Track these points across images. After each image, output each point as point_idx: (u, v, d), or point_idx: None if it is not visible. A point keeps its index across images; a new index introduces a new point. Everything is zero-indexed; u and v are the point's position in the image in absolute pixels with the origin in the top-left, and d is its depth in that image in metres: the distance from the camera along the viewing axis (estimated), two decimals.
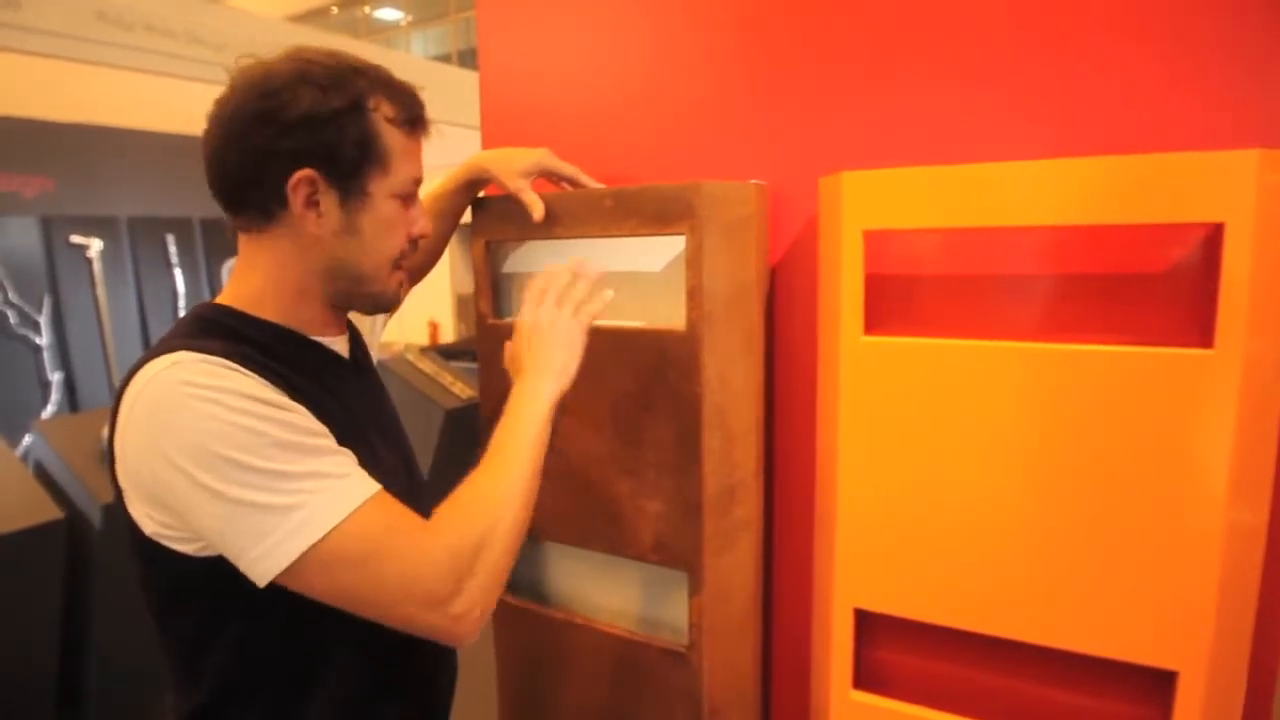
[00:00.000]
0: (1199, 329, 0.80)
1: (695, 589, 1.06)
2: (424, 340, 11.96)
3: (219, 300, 0.83)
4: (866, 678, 1.01)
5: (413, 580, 0.72)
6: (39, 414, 4.81)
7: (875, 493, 0.93)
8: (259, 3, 7.53)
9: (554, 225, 1.08)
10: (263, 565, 0.68)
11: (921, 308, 0.95)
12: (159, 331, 5.34)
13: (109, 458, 0.76)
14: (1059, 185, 0.80)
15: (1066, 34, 0.90)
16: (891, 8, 0.98)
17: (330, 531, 0.69)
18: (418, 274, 1.22)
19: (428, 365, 4.02)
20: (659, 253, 1.07)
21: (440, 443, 3.80)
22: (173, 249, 5.42)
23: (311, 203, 0.78)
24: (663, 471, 1.05)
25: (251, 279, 0.82)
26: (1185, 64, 0.85)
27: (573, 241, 1.10)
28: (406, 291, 1.14)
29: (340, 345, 0.90)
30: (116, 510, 0.77)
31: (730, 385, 1.03)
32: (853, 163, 0.93)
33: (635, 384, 1.05)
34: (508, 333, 1.15)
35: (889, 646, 1.01)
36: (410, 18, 14.55)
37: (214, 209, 0.81)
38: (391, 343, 8.37)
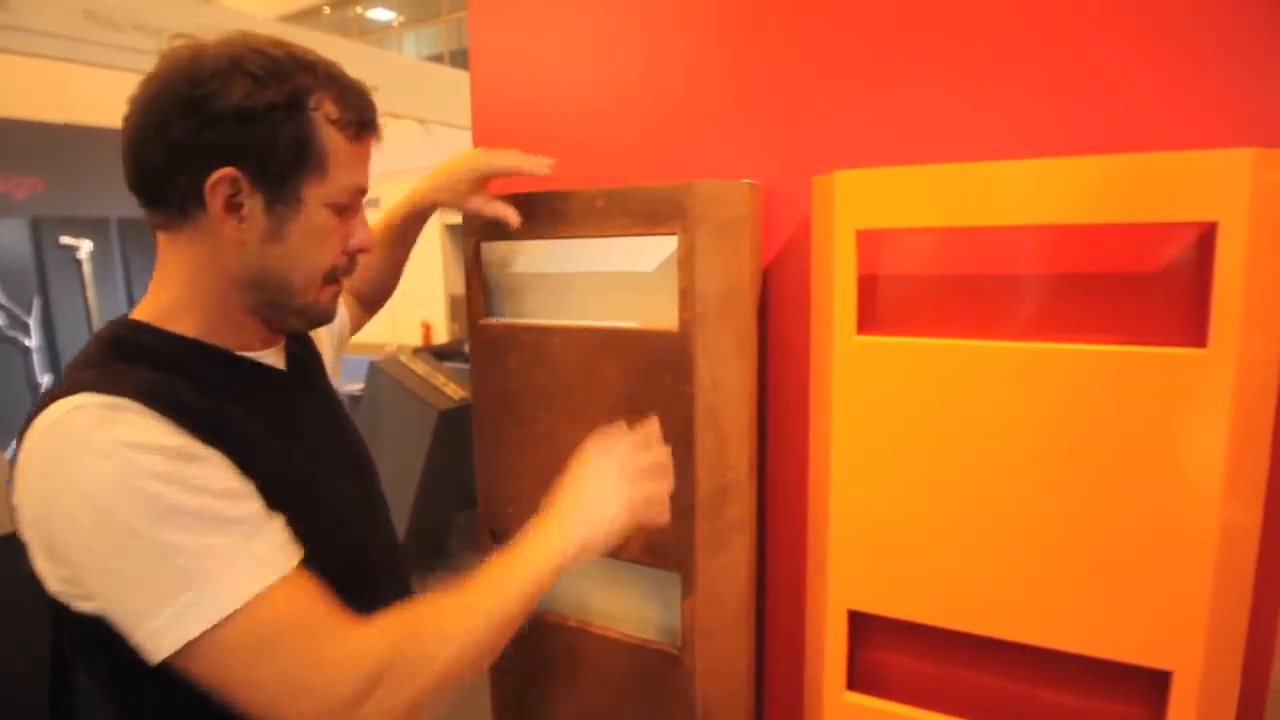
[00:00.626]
0: (1192, 328, 0.79)
1: (688, 591, 1.05)
2: (417, 340, 11.94)
3: (135, 314, 0.76)
4: (860, 679, 1.00)
5: (304, 690, 0.64)
6: (30, 416, 4.79)
7: (868, 493, 0.93)
8: (251, 3, 7.50)
9: (545, 225, 1.08)
10: (152, 643, 0.62)
11: (914, 307, 0.95)
12: None
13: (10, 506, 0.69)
14: (1052, 184, 0.80)
15: (1060, 32, 0.90)
16: (884, 7, 0.98)
17: (227, 617, 0.62)
18: (373, 303, 1.18)
19: (420, 366, 4.00)
20: (652, 253, 1.06)
21: (433, 444, 3.79)
22: None
23: (233, 205, 0.71)
24: None
25: (169, 287, 0.75)
26: (1180, 62, 0.85)
27: (564, 241, 1.10)
28: (364, 321, 1.10)
29: (273, 358, 0.84)
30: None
31: (723, 386, 1.03)
32: (845, 162, 0.92)
33: (628, 384, 1.05)
34: (499, 332, 1.15)
35: (882, 647, 1.01)
36: (403, 18, 14.52)
37: None
38: (384, 344, 8.34)
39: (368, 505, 0.90)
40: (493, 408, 1.18)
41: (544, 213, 1.07)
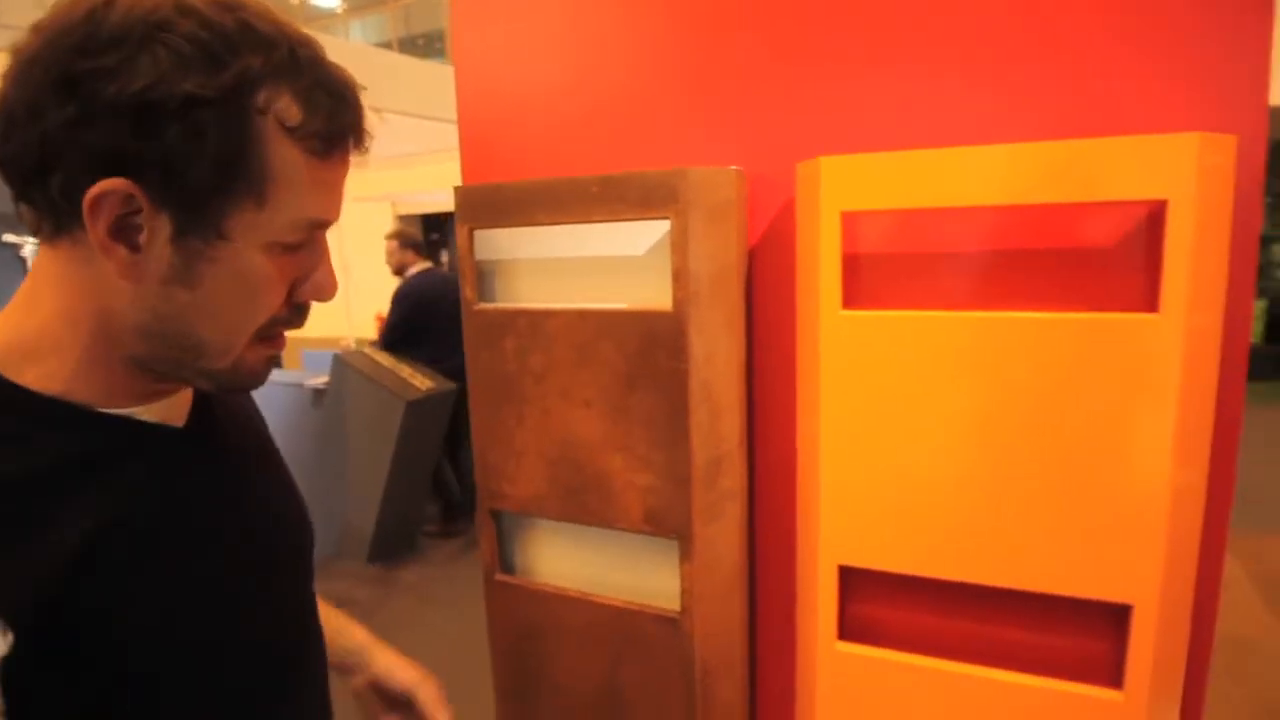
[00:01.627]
0: (1146, 296, 0.88)
1: (686, 556, 1.11)
2: (371, 334, 11.79)
3: None
4: (850, 630, 1.08)
5: None
6: None
7: (855, 456, 1.00)
8: None
9: (539, 212, 1.12)
10: None
11: (894, 283, 1.02)
12: None
13: None
14: (1021, 167, 0.87)
15: (1029, 25, 0.97)
16: (857, 4, 1.04)
17: None
18: None
19: (385, 358, 3.99)
20: (642, 237, 1.11)
21: (400, 435, 3.79)
22: None
23: (123, 229, 0.51)
24: (652, 446, 1.10)
25: (35, 314, 0.55)
26: (1138, 55, 0.93)
27: (559, 228, 1.14)
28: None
29: (164, 412, 0.63)
30: None
31: (715, 362, 1.09)
32: (821, 149, 0.99)
33: (624, 363, 1.10)
34: (494, 317, 1.19)
35: (869, 600, 1.08)
36: (346, 5, 14.22)
37: None
38: (340, 337, 8.24)
39: (280, 581, 0.72)
40: (489, 390, 1.22)
41: (540, 199, 1.12)
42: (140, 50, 0.48)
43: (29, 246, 4.84)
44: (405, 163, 8.08)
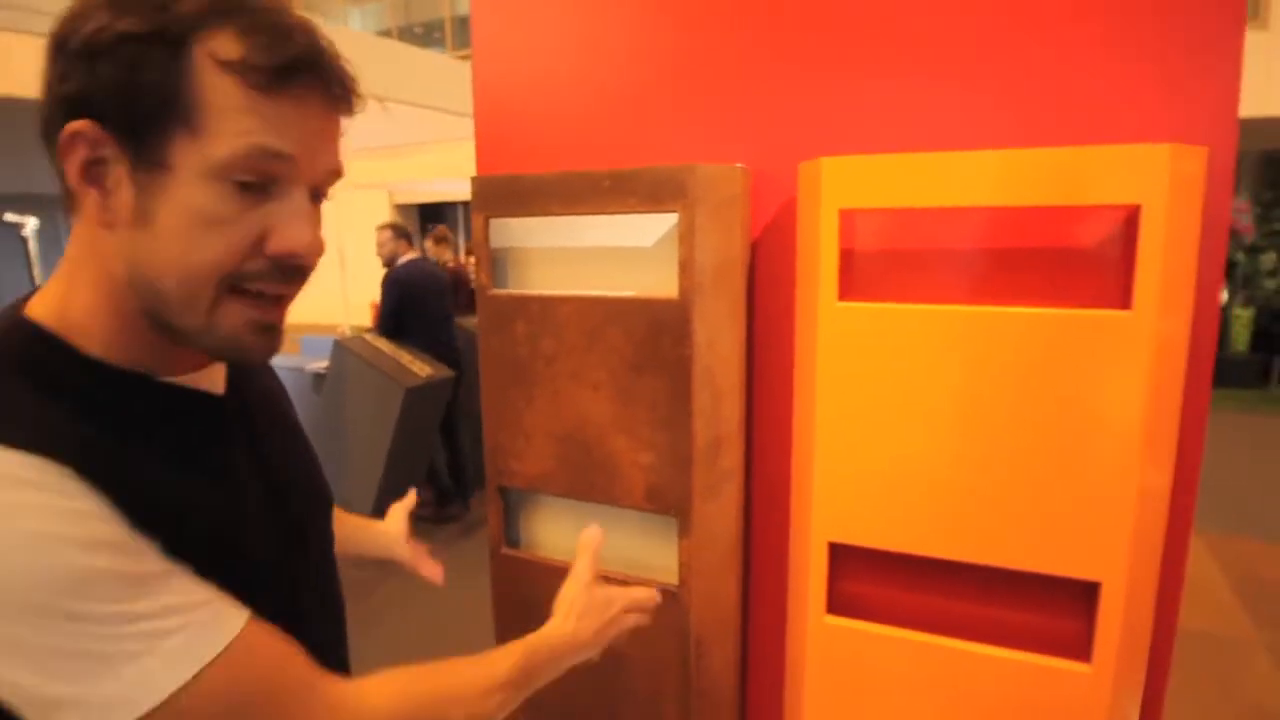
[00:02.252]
0: (1121, 294, 0.94)
1: (684, 532, 1.18)
2: (367, 322, 11.81)
3: (36, 311, 0.60)
4: (838, 604, 1.14)
5: None
6: None
7: (847, 439, 1.06)
8: None
9: (553, 202, 1.18)
10: None
11: (888, 278, 1.08)
12: None
13: None
14: (1007, 171, 0.94)
15: (1021, 37, 1.03)
16: (855, 14, 1.10)
17: (174, 693, 0.52)
18: None
19: (385, 345, 4.04)
20: (651, 229, 1.17)
21: (400, 421, 3.85)
22: None
23: (93, 171, 0.55)
24: (655, 427, 1.16)
25: (75, 281, 0.60)
26: (1118, 69, 1.00)
27: (571, 218, 1.20)
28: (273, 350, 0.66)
29: (209, 381, 0.68)
30: None
31: (717, 348, 1.15)
32: (820, 150, 1.05)
33: (631, 348, 1.16)
34: (507, 302, 1.25)
35: (857, 576, 1.15)
36: None
37: None
38: (336, 325, 8.27)
39: (303, 548, 0.77)
40: (500, 372, 1.28)
41: (554, 190, 1.17)
42: (99, 6, 0.54)
43: (30, 226, 4.87)
44: (402, 152, 8.10)
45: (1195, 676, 2.90)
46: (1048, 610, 1.06)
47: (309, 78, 0.58)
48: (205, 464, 0.65)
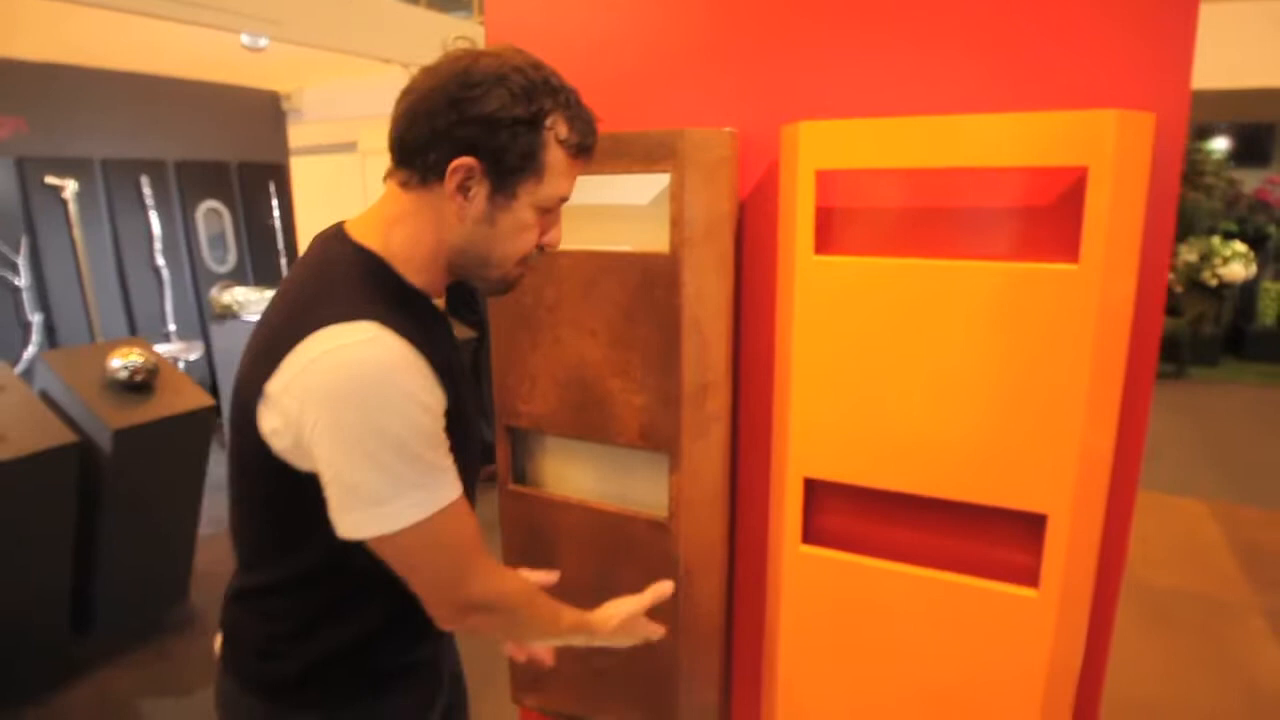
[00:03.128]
0: (1070, 248, 1.02)
1: (674, 468, 1.29)
2: None
3: (368, 242, 0.89)
4: (813, 535, 1.25)
5: (445, 588, 0.86)
6: (19, 355, 4.88)
7: (822, 381, 1.16)
8: None
9: None
10: (343, 528, 0.81)
11: (860, 233, 1.17)
12: (136, 274, 5.40)
13: (250, 375, 0.84)
14: (969, 135, 1.02)
15: (986, 8, 1.10)
16: None
17: (416, 524, 0.80)
18: None
19: None
20: (646, 188, 1.27)
21: None
22: (147, 190, 5.44)
23: (463, 188, 0.85)
24: (648, 371, 1.26)
25: (398, 232, 0.89)
26: (1083, 39, 1.07)
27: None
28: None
29: (440, 302, 0.99)
30: (127, 435, 0.82)
31: (705, 299, 1.25)
32: (805, 114, 1.13)
33: (625, 298, 1.26)
34: None
35: (831, 511, 1.25)
36: None
37: (187, 151, 0.89)
38: None
39: (477, 454, 1.05)
40: (508, 320, 1.39)
41: None
42: (493, 88, 0.82)
43: (70, 189, 5.03)
44: None
45: (1192, 637, 2.98)
46: (1002, 542, 1.16)
47: (593, 150, 0.93)
48: (452, 362, 0.93)
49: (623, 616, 1.06)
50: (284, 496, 0.86)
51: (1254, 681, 2.70)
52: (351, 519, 0.81)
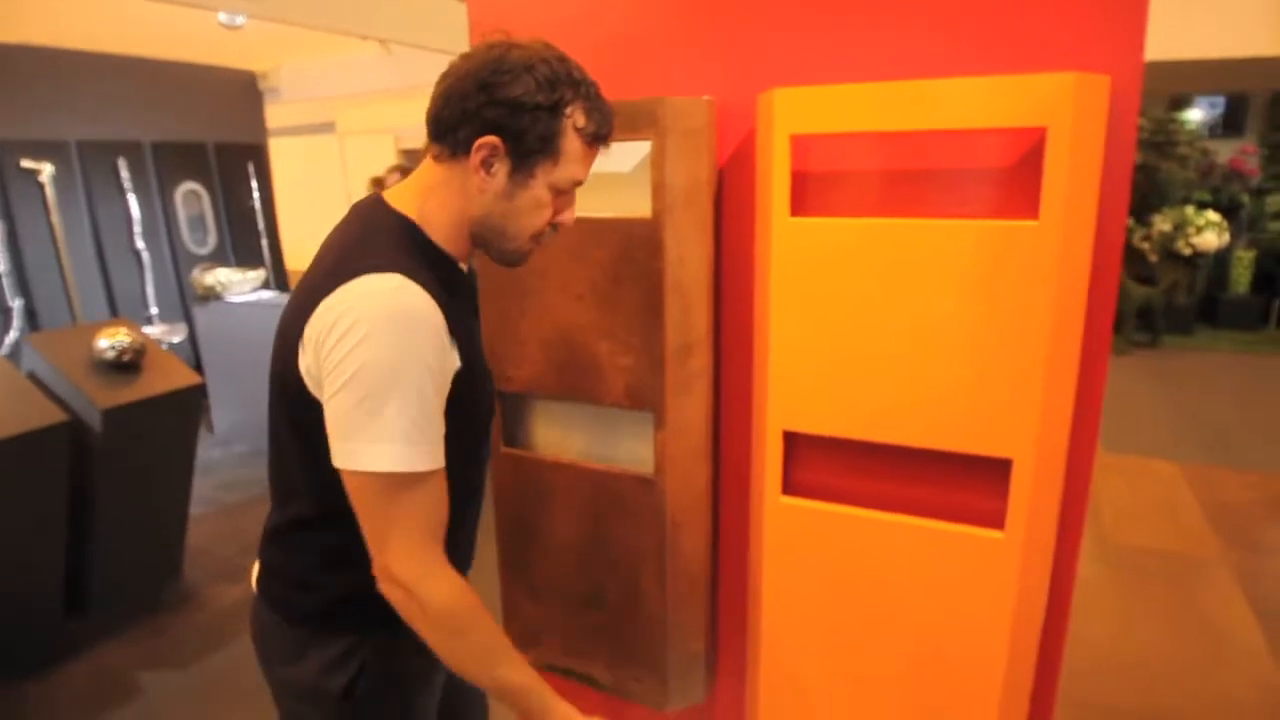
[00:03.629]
0: (1032, 206, 1.08)
1: (659, 426, 1.34)
2: None
3: (403, 208, 0.97)
4: (792, 486, 1.31)
5: (393, 550, 0.89)
6: (1, 340, 4.86)
7: (798, 337, 1.21)
8: None
9: None
10: (338, 453, 0.88)
11: (834, 195, 1.22)
12: (116, 258, 5.37)
13: (291, 320, 0.92)
14: (934, 98, 1.07)
15: None
16: None
17: (385, 472, 0.86)
18: None
19: None
20: (629, 155, 1.31)
21: None
22: (125, 173, 5.40)
23: (486, 164, 0.93)
24: (632, 332, 1.31)
25: (431, 201, 0.97)
26: (1051, 4, 1.11)
27: None
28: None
29: (464, 268, 1.06)
30: (116, 414, 0.84)
31: (686, 262, 1.29)
32: (782, 81, 1.18)
33: (610, 262, 1.30)
34: None
35: (810, 464, 1.31)
36: None
37: (164, 133, 0.91)
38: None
39: (489, 425, 1.14)
40: (497, 286, 1.43)
41: None
42: (520, 76, 0.90)
43: (46, 172, 4.99)
44: (409, 95, 8.14)
45: (1161, 592, 3.09)
46: (971, 488, 1.22)
47: (607, 140, 1.00)
48: (472, 329, 1.03)
49: None
50: (313, 433, 0.92)
51: (1219, 633, 2.81)
52: (338, 446, 0.88)
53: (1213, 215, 7.25)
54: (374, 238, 0.94)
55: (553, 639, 1.57)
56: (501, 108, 0.90)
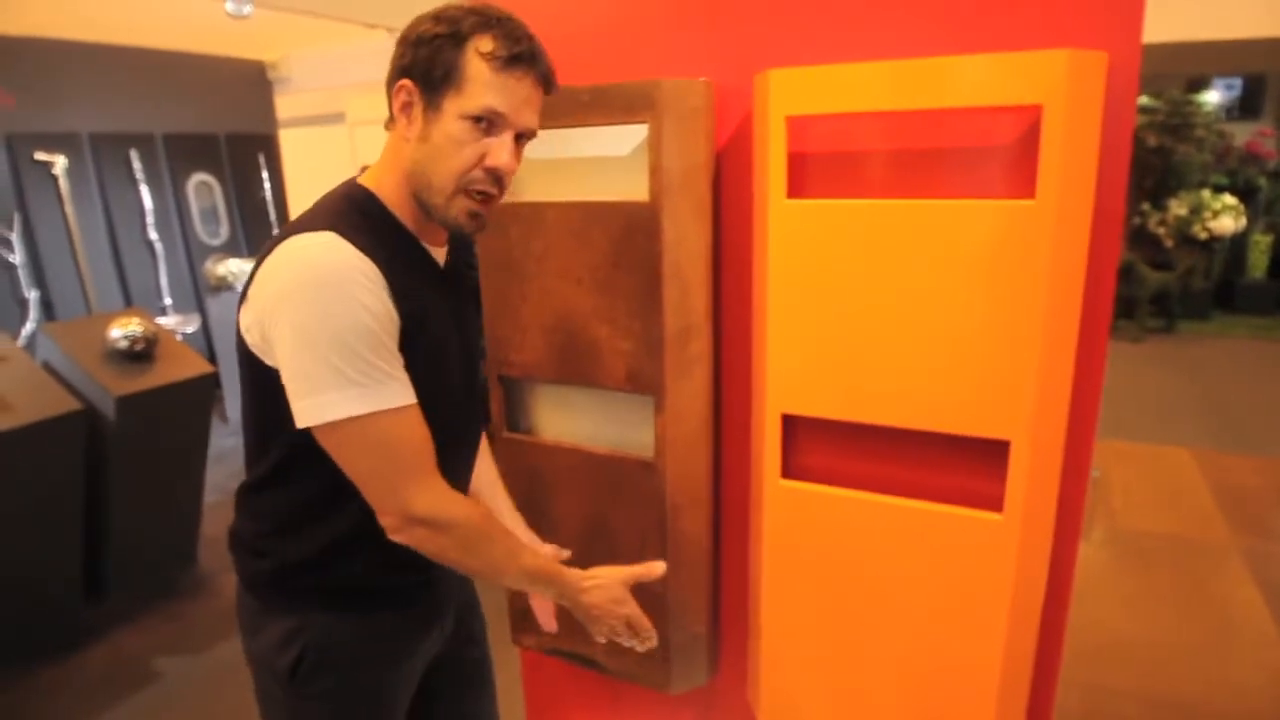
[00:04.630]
0: (1029, 185, 1.07)
1: (659, 409, 1.35)
2: None
3: (368, 182, 0.99)
4: (792, 470, 1.31)
5: (384, 492, 0.92)
6: (18, 332, 4.91)
7: (796, 320, 1.21)
8: None
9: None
10: (302, 412, 0.89)
11: (831, 177, 1.22)
12: (130, 249, 5.42)
13: (243, 289, 0.95)
14: (930, 77, 1.06)
15: None
16: None
17: (352, 418, 0.88)
18: None
19: None
20: (627, 139, 1.31)
21: None
22: (137, 164, 5.44)
23: (406, 109, 0.94)
24: (632, 316, 1.32)
25: (386, 170, 0.98)
26: None
27: (556, 131, 1.33)
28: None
29: (439, 255, 1.06)
30: (130, 402, 0.86)
31: (685, 245, 1.30)
32: (779, 62, 1.17)
33: (609, 246, 1.31)
34: (501, 209, 1.39)
35: (809, 447, 1.32)
36: None
37: (175, 124, 0.95)
38: None
39: (471, 391, 1.14)
40: (498, 270, 1.44)
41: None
42: (427, 17, 0.92)
43: (60, 164, 5.04)
44: None
45: (1170, 577, 3.08)
46: (970, 471, 1.22)
47: (525, 66, 0.94)
48: (434, 301, 1.01)
49: (600, 581, 1.08)
50: (261, 394, 0.95)
51: (1228, 618, 2.80)
52: (298, 406, 0.89)
53: (1229, 199, 7.16)
54: (321, 206, 0.97)
55: (558, 625, 1.58)
56: (407, 49, 0.92)
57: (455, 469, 1.10)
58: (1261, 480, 3.88)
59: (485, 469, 1.29)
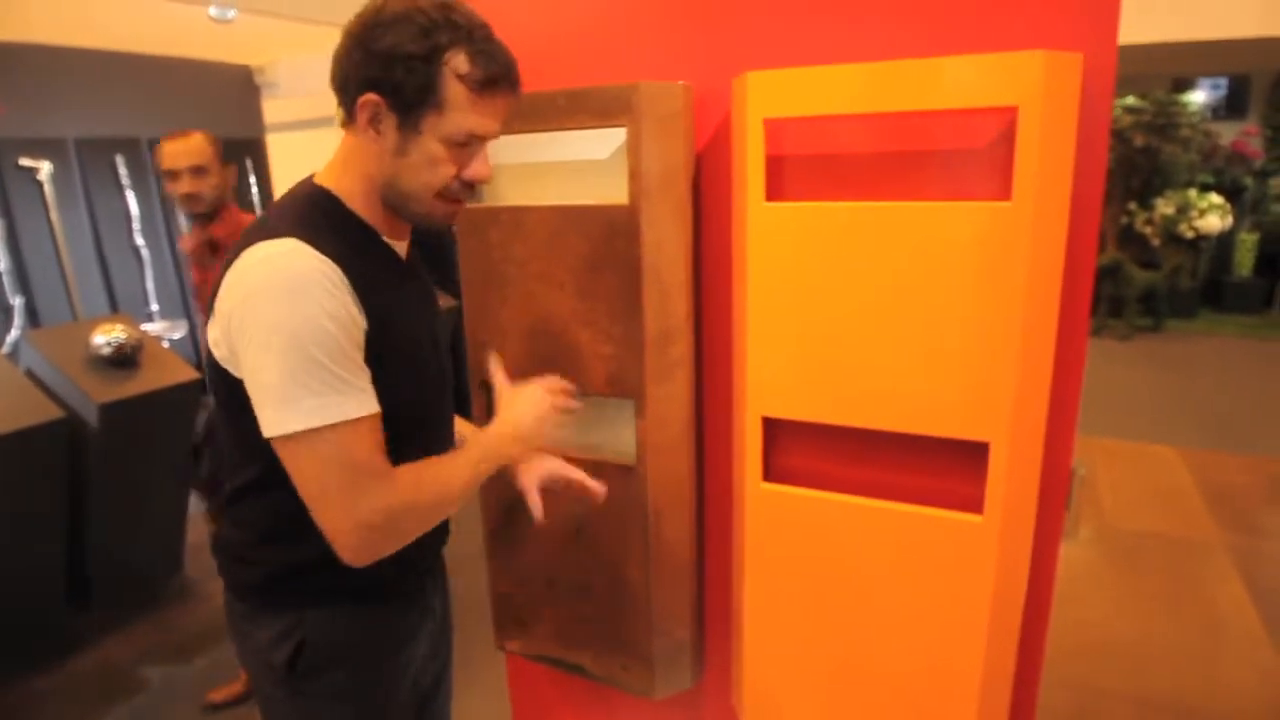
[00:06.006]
0: (1004, 187, 1.07)
1: (640, 414, 1.34)
2: None
3: (324, 182, 0.98)
4: (773, 473, 1.30)
5: (331, 507, 0.89)
6: (2, 339, 4.88)
7: (776, 323, 1.21)
8: None
9: (516, 121, 1.31)
10: (266, 422, 0.88)
11: (810, 179, 1.21)
12: (116, 255, 5.39)
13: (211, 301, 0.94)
14: (905, 79, 1.06)
15: None
16: None
17: (308, 430, 0.86)
18: None
19: None
20: (605, 143, 1.31)
21: None
22: (123, 170, 5.42)
23: (374, 123, 0.92)
24: (613, 320, 1.31)
25: (346, 170, 0.98)
26: None
27: (533, 135, 1.33)
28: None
29: (401, 249, 1.06)
30: (113, 409, 0.90)
31: (664, 249, 1.29)
32: (758, 66, 1.17)
33: (589, 250, 1.30)
34: (481, 214, 1.39)
35: (791, 451, 1.31)
36: None
37: (161, 129, 0.92)
38: None
39: (443, 376, 1.15)
40: (478, 275, 1.43)
41: (517, 111, 1.30)
42: (395, 27, 0.88)
43: (45, 170, 5.00)
44: None
45: (1157, 575, 3.09)
46: (950, 473, 1.22)
47: (503, 86, 0.95)
48: (399, 297, 1.01)
49: (511, 412, 1.13)
50: (233, 406, 0.94)
51: (1216, 617, 2.81)
52: (263, 417, 0.89)
53: (1215, 198, 7.21)
54: (282, 208, 0.96)
55: (542, 629, 1.57)
56: (375, 61, 0.89)
57: (431, 452, 1.09)
58: (1249, 478, 3.90)
59: None
